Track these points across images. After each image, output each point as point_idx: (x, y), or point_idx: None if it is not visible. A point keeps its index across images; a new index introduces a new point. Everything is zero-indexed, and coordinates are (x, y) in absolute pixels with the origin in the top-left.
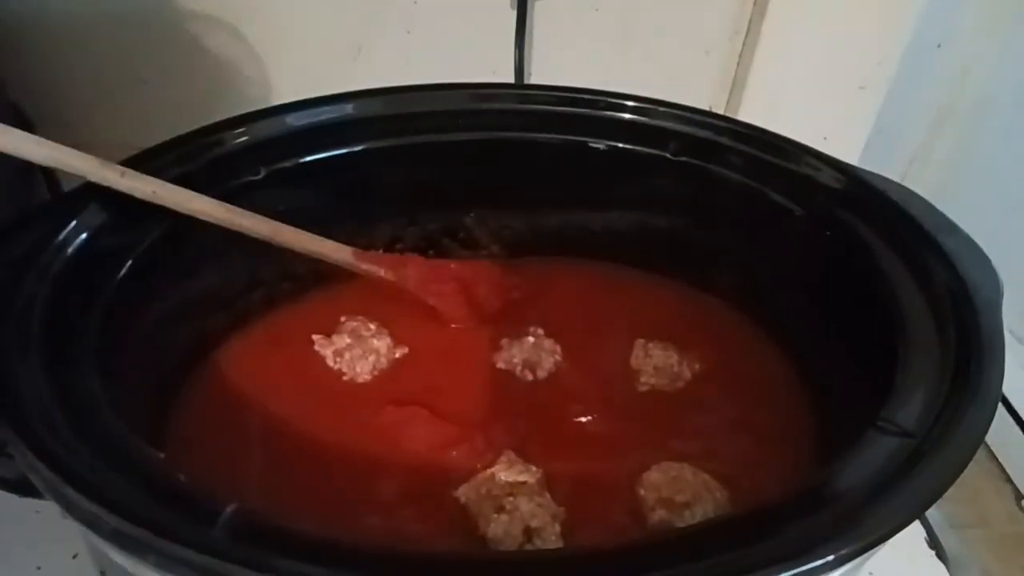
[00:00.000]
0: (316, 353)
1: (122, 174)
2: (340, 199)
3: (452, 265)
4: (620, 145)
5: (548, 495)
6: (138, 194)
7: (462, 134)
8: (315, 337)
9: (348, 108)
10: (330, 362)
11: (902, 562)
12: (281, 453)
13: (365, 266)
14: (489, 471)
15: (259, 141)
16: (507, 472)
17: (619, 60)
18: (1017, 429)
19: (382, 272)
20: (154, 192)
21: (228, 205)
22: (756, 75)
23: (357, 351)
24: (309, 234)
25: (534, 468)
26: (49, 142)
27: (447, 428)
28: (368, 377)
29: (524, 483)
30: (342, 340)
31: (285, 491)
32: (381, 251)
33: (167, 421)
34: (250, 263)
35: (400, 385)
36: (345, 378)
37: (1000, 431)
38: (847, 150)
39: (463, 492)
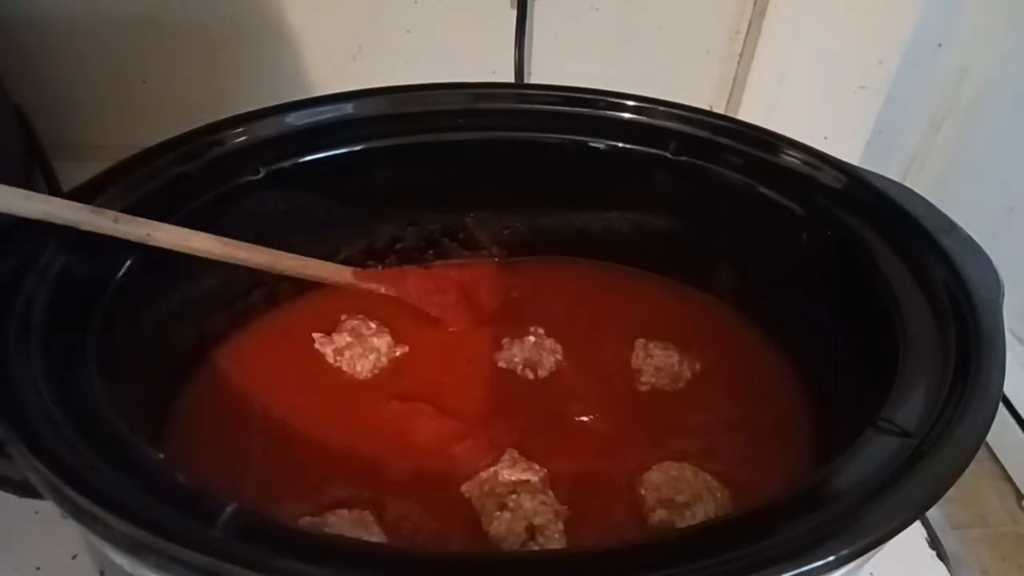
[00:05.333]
0: (317, 351)
1: (115, 219)
2: (340, 199)
3: (451, 272)
4: (620, 145)
5: (551, 493)
6: (133, 238)
7: (462, 134)
8: (315, 335)
9: (348, 108)
10: (330, 360)
11: (902, 562)
12: (282, 451)
13: (366, 285)
14: (492, 469)
15: (259, 141)
16: (510, 470)
17: (619, 60)
18: (1017, 429)
19: (383, 289)
20: (149, 235)
21: (225, 239)
22: (756, 75)
23: (358, 349)
24: (307, 259)
25: (537, 467)
26: (37, 195)
27: (451, 423)
28: (368, 375)
29: (527, 481)
30: (342, 339)
31: (286, 489)
32: (380, 259)
33: (167, 421)
34: None
35: (401, 383)
36: (345, 376)
37: (1000, 431)
38: (847, 150)
39: (467, 488)
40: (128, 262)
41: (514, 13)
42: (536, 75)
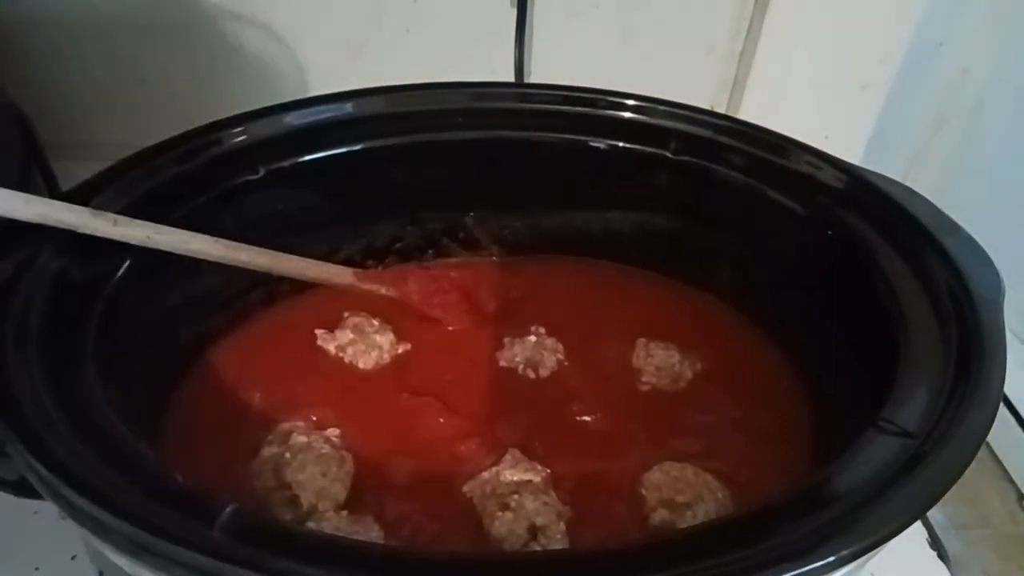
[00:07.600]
0: (319, 348)
1: (114, 222)
2: (339, 199)
3: (452, 273)
4: (620, 144)
5: (553, 494)
6: (133, 241)
7: (462, 134)
8: (318, 332)
9: (348, 107)
10: (333, 357)
11: (903, 563)
12: None
13: (367, 286)
14: (494, 469)
15: (258, 140)
16: (512, 471)
17: (619, 60)
18: (1018, 429)
19: (384, 290)
20: (148, 237)
21: (225, 241)
22: (757, 74)
23: (360, 346)
24: (308, 261)
25: (539, 467)
26: (36, 198)
27: (455, 421)
28: (371, 372)
29: (529, 482)
30: (345, 335)
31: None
32: (380, 259)
33: (167, 421)
34: None
35: (404, 380)
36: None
37: (1001, 431)
38: (848, 149)
39: (469, 488)
40: (127, 263)
41: (514, 13)
42: (536, 75)
